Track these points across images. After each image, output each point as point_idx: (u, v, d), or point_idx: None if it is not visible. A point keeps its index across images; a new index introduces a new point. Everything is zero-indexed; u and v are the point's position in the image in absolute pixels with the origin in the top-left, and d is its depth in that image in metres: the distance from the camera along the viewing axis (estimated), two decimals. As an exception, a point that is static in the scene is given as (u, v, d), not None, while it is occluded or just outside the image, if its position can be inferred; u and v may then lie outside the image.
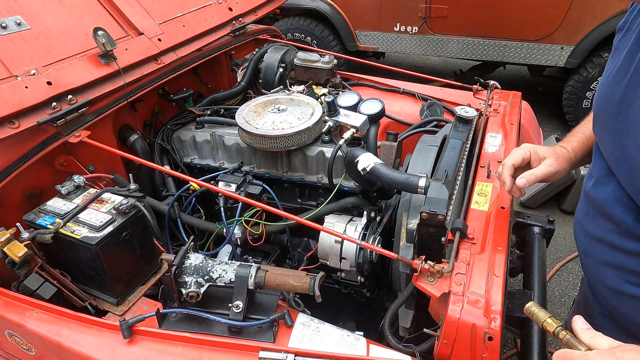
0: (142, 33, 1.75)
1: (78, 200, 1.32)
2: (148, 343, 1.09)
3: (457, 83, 2.31)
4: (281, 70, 2.17)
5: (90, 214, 1.26)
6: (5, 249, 1.15)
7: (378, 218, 1.68)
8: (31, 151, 1.36)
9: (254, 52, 2.24)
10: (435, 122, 2.07)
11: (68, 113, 1.41)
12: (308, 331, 1.12)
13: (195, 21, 1.98)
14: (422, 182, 1.31)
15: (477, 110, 1.61)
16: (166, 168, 1.77)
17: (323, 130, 1.68)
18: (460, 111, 1.56)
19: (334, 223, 1.58)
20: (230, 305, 1.11)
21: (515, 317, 1.31)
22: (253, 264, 1.15)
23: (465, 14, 4.15)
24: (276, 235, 1.77)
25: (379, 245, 1.53)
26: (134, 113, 1.82)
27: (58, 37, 1.52)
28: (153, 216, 1.44)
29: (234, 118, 1.69)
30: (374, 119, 1.75)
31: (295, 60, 2.18)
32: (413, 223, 1.36)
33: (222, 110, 2.01)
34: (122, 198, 1.31)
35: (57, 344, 1.12)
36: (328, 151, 1.62)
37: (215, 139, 1.79)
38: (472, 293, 1.03)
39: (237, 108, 1.78)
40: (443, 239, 1.15)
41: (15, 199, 1.38)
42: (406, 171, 1.53)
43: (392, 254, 1.17)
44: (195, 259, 1.15)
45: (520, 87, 2.68)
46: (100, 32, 1.53)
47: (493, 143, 1.65)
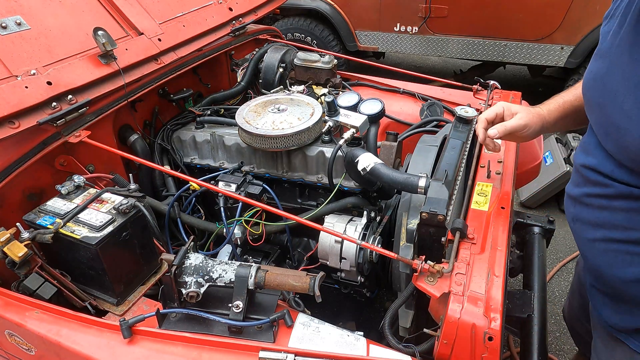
0: (142, 33, 1.76)
1: (78, 200, 1.32)
2: (148, 343, 1.09)
3: (457, 83, 2.31)
4: (281, 70, 2.17)
5: (90, 214, 1.26)
6: (5, 249, 1.15)
7: (378, 218, 1.68)
8: (31, 151, 1.36)
9: (254, 52, 2.24)
10: (435, 122, 2.07)
11: (68, 113, 1.42)
12: (308, 331, 1.12)
13: (195, 21, 1.98)
14: (422, 182, 1.31)
15: (477, 110, 1.61)
16: (166, 168, 1.77)
17: (323, 130, 1.68)
18: (460, 111, 1.56)
19: (334, 223, 1.58)
20: (230, 305, 1.11)
21: (515, 317, 1.32)
22: (253, 264, 1.15)
23: (465, 14, 4.14)
24: (276, 235, 1.77)
25: (379, 245, 1.53)
26: (134, 113, 1.82)
27: (58, 37, 1.52)
28: (153, 216, 1.44)
29: (234, 118, 1.69)
30: (374, 119, 1.75)
31: (295, 60, 2.18)
32: (413, 223, 1.36)
33: (222, 110, 2.01)
34: (122, 198, 1.31)
35: (57, 344, 1.12)
36: (328, 151, 1.62)
37: (215, 139, 1.79)
38: (472, 293, 1.03)
39: (237, 108, 1.78)
40: (443, 239, 1.15)
41: (15, 199, 1.39)
42: (406, 171, 1.53)
43: (392, 254, 1.17)
44: (195, 259, 1.15)
45: (520, 87, 2.67)
46: (100, 32, 1.53)
47: (493, 143, 1.65)
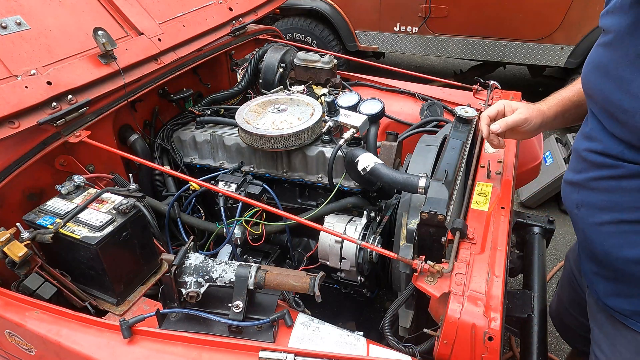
0: (142, 33, 1.75)
1: (78, 200, 1.32)
2: (148, 343, 1.09)
3: (457, 83, 2.31)
4: (281, 70, 2.17)
5: (90, 214, 1.26)
6: (5, 249, 1.15)
7: (378, 218, 1.68)
8: (31, 151, 1.36)
9: (254, 52, 2.24)
10: (435, 122, 2.07)
11: (68, 113, 1.41)
12: (308, 331, 1.12)
13: (195, 21, 1.98)
14: (422, 182, 1.31)
15: (477, 110, 1.61)
16: (166, 168, 1.77)
17: (323, 130, 1.68)
18: (460, 111, 1.56)
19: (334, 223, 1.58)
20: (230, 305, 1.11)
21: (515, 317, 1.32)
22: (253, 264, 1.15)
23: (465, 14, 4.15)
24: (276, 235, 1.77)
25: (379, 245, 1.53)
26: (134, 113, 1.82)
27: (58, 37, 1.52)
28: (153, 216, 1.44)
29: (234, 118, 1.69)
30: (374, 119, 1.75)
31: (295, 60, 2.18)
32: (413, 223, 1.36)
33: (222, 110, 2.01)
34: (122, 198, 1.31)
35: (57, 344, 1.12)
36: (328, 151, 1.62)
37: (215, 139, 1.79)
38: (472, 293, 1.03)
39: (237, 108, 1.78)
40: (443, 239, 1.15)
41: (15, 199, 1.39)
42: (406, 171, 1.53)
43: (392, 254, 1.17)
44: (195, 259, 1.15)
45: (520, 87, 2.67)
46: (100, 32, 1.53)
47: (493, 143, 1.65)
